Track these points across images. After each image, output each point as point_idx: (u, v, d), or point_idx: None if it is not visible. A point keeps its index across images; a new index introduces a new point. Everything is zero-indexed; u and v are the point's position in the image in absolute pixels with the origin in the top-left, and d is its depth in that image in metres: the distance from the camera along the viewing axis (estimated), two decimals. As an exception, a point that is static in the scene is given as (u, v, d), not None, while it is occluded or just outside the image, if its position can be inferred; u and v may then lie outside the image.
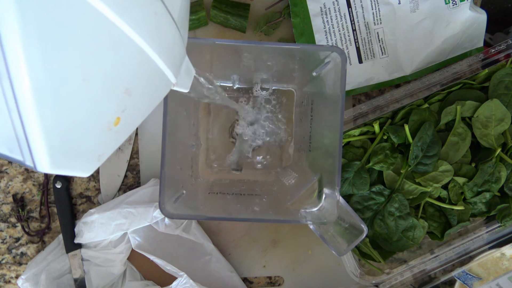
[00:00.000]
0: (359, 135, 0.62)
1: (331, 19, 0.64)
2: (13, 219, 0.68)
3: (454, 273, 0.66)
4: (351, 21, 0.64)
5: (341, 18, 0.64)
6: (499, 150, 0.60)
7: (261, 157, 0.63)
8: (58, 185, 0.66)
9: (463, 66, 0.61)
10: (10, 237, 0.68)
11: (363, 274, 0.62)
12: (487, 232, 0.64)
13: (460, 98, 0.61)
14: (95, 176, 0.68)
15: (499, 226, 0.63)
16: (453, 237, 0.65)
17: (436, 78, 0.61)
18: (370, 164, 0.61)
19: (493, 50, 0.61)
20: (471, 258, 0.66)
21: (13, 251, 0.68)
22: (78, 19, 0.20)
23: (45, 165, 0.21)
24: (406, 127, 0.59)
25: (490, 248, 0.66)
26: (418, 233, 0.61)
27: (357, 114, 0.60)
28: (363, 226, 0.52)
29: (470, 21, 0.64)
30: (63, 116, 0.21)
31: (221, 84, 0.63)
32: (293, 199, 0.52)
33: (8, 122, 0.19)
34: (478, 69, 0.62)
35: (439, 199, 0.62)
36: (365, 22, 0.64)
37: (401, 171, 0.61)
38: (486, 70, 0.62)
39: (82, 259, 0.66)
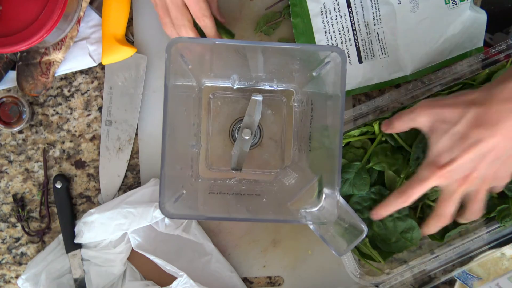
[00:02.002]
0: (359, 135, 0.62)
1: (331, 19, 0.64)
2: (13, 219, 0.68)
3: (454, 273, 0.66)
4: (351, 21, 0.64)
5: (341, 18, 0.64)
6: None
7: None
8: (58, 185, 0.66)
9: (463, 66, 0.60)
10: (10, 237, 0.68)
11: (363, 274, 0.62)
12: (487, 232, 0.64)
13: None
14: (95, 176, 0.68)
15: (499, 226, 0.63)
16: (453, 237, 0.65)
17: (436, 78, 0.61)
18: (370, 165, 0.61)
19: (493, 50, 0.61)
20: (471, 258, 0.66)
21: (13, 251, 0.69)
22: None
23: None
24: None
25: (490, 248, 0.66)
26: (416, 235, 0.61)
27: (357, 115, 0.60)
28: (363, 226, 0.52)
29: (470, 21, 0.64)
30: None
31: (221, 84, 0.63)
32: (293, 199, 0.53)
33: None
34: (478, 69, 0.61)
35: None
36: (365, 22, 0.64)
37: (402, 172, 0.61)
38: (487, 70, 0.61)
39: (82, 259, 0.66)
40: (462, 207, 0.55)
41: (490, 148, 0.48)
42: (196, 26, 0.60)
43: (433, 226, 0.55)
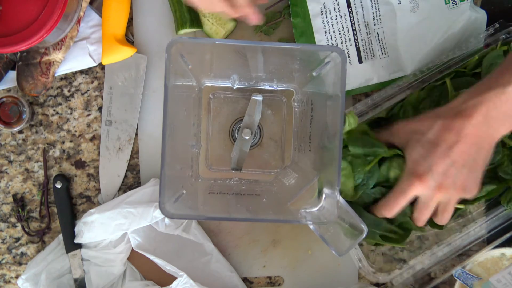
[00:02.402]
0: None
1: (331, 19, 0.64)
2: (13, 219, 0.68)
3: (454, 273, 0.66)
4: (351, 21, 0.64)
5: (341, 18, 0.64)
6: None
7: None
8: (58, 185, 0.66)
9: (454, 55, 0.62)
10: (10, 237, 0.68)
11: (375, 272, 0.63)
12: (486, 221, 0.64)
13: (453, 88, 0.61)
14: (95, 176, 0.68)
15: (504, 210, 0.63)
16: (452, 232, 0.65)
17: (428, 70, 0.61)
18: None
19: (481, 36, 0.62)
20: (471, 258, 0.66)
21: (13, 251, 0.69)
22: None
23: None
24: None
25: (490, 248, 0.66)
26: (412, 226, 0.61)
27: (357, 113, 0.60)
28: (363, 226, 0.52)
29: (470, 21, 0.64)
30: None
31: (221, 84, 0.63)
32: (293, 199, 0.53)
33: None
34: (468, 56, 0.62)
35: None
36: (365, 22, 0.64)
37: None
38: (476, 57, 0.62)
39: (82, 259, 0.66)
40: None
41: (458, 154, 0.53)
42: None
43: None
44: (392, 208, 0.57)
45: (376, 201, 0.61)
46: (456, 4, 0.64)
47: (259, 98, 0.60)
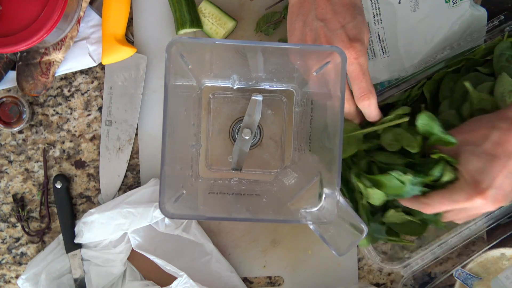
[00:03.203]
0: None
1: (331, 19, 0.64)
2: (13, 219, 0.68)
3: (454, 273, 0.66)
4: (351, 21, 0.64)
5: (341, 18, 0.64)
6: None
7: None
8: (58, 185, 0.66)
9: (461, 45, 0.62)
10: (10, 237, 0.68)
11: (383, 261, 0.63)
12: (486, 216, 0.64)
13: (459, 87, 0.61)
14: (95, 176, 0.68)
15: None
16: (452, 226, 0.65)
17: (434, 57, 0.62)
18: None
19: (486, 27, 0.63)
20: (471, 258, 0.66)
21: (13, 251, 0.69)
22: None
23: None
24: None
25: (490, 248, 0.66)
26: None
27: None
28: (363, 226, 0.52)
29: (470, 19, 0.64)
30: None
31: (221, 84, 0.63)
32: (293, 199, 0.52)
33: None
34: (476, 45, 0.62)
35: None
36: (365, 22, 0.64)
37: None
38: (483, 46, 0.61)
39: (82, 259, 0.66)
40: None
41: None
42: None
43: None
44: (434, 210, 0.55)
45: None
46: (456, 2, 0.64)
47: (259, 98, 0.60)
